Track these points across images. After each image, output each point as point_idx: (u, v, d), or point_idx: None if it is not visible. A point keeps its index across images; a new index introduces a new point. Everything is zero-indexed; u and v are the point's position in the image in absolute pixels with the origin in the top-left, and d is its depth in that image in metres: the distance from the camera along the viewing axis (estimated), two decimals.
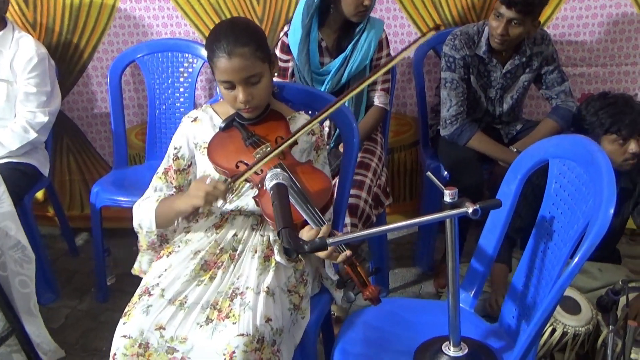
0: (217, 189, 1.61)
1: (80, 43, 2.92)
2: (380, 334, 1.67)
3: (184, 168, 1.80)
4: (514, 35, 2.38)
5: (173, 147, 1.81)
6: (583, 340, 2.05)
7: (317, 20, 2.37)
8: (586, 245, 1.23)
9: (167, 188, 1.80)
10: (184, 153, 1.80)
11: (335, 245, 1.43)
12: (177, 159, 1.80)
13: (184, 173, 1.80)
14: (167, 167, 1.81)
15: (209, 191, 1.61)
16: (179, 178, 1.80)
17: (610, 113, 2.11)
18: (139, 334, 1.54)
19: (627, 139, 2.10)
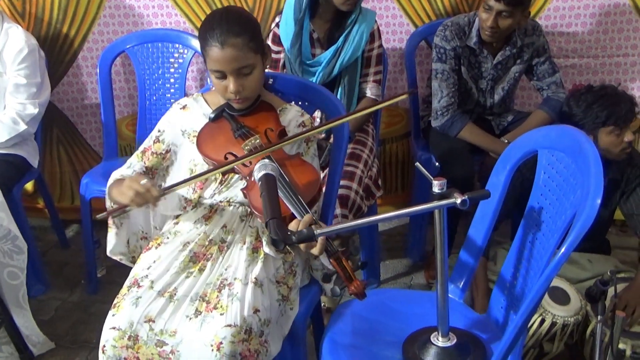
0: (149, 193, 1.56)
1: (70, 33, 2.90)
2: (369, 325, 1.67)
3: (161, 152, 1.79)
4: (504, 27, 2.38)
5: (157, 130, 1.81)
6: (572, 331, 2.06)
7: (308, 12, 2.36)
8: (573, 235, 1.23)
9: (139, 167, 1.79)
10: (165, 138, 1.80)
11: (324, 236, 1.43)
12: (158, 142, 1.80)
13: (159, 157, 1.79)
14: (147, 147, 1.80)
15: (139, 192, 1.55)
16: (154, 160, 1.79)
17: (605, 105, 2.11)
18: (129, 326, 1.53)
19: (623, 128, 2.11)
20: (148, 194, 1.57)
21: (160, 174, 1.82)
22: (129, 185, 1.58)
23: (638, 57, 2.77)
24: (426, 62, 2.84)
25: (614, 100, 2.12)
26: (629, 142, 2.12)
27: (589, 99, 2.15)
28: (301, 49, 2.35)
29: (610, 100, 2.12)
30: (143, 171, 1.78)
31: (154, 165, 1.80)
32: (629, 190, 2.25)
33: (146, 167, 1.79)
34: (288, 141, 1.70)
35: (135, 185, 1.56)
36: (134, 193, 1.56)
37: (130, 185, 1.57)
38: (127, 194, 1.56)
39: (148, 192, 1.57)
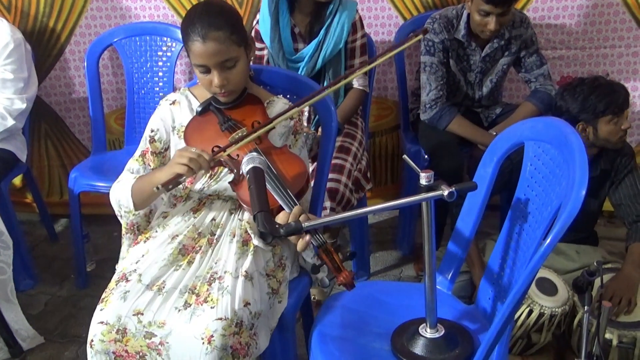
0: (202, 157, 1.59)
1: (56, 27, 2.87)
2: (358, 317, 1.67)
3: (160, 151, 1.79)
4: (505, 23, 2.40)
5: (150, 130, 1.79)
6: (559, 321, 2.08)
7: (287, 6, 2.35)
8: (558, 226, 1.23)
9: (143, 170, 1.78)
10: (161, 136, 1.79)
11: (312, 228, 1.43)
12: (154, 142, 1.79)
13: (160, 156, 1.79)
14: (145, 150, 1.79)
15: (193, 157, 1.58)
16: (156, 160, 1.78)
17: (602, 95, 2.13)
18: (117, 320, 1.53)
19: (620, 116, 2.14)
20: (202, 158, 1.59)
21: None
22: (179, 155, 1.59)
23: (625, 49, 2.79)
24: (415, 55, 2.84)
25: (609, 90, 2.14)
26: (624, 129, 2.15)
27: (585, 91, 2.16)
28: (281, 42, 2.35)
29: (606, 90, 2.14)
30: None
31: (157, 165, 1.78)
32: (618, 180, 2.26)
33: (152, 169, 1.78)
34: (271, 124, 1.70)
35: (187, 153, 1.58)
36: (189, 160, 1.57)
37: (181, 154, 1.59)
38: (182, 161, 1.58)
39: (201, 157, 1.59)
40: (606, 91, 2.14)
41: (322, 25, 2.35)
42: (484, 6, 2.33)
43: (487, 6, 2.32)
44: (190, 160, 1.58)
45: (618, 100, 2.13)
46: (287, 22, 2.37)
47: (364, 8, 2.77)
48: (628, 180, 2.24)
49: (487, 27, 2.37)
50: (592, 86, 2.16)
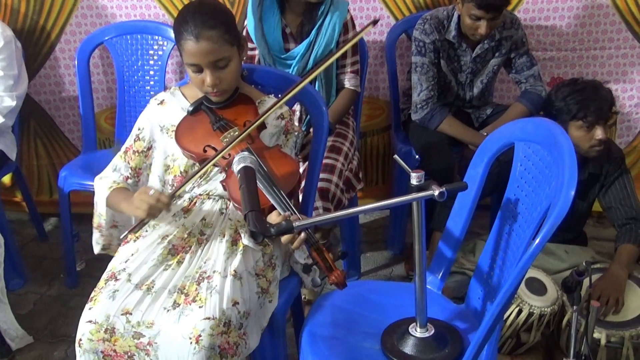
0: (160, 202, 1.59)
1: (47, 25, 2.86)
2: (348, 316, 1.68)
3: (143, 150, 1.79)
4: (495, 26, 2.42)
5: (137, 128, 1.80)
6: (548, 321, 2.09)
7: (277, 6, 2.35)
8: (547, 226, 1.24)
9: (124, 168, 1.79)
10: (145, 135, 1.79)
11: (303, 228, 1.43)
12: (138, 140, 1.79)
13: (142, 155, 1.79)
14: (128, 147, 1.80)
15: (152, 204, 1.58)
16: (137, 159, 1.79)
17: (578, 99, 2.13)
18: (105, 319, 1.53)
19: (592, 125, 2.12)
20: (160, 203, 1.59)
21: (144, 172, 1.80)
22: (140, 199, 1.60)
23: (615, 50, 2.80)
24: (407, 55, 2.85)
25: (589, 96, 2.12)
26: (599, 140, 2.13)
27: (566, 91, 2.17)
28: (266, 41, 2.35)
29: (585, 95, 2.13)
30: (129, 172, 1.78)
31: (137, 164, 1.79)
32: (608, 183, 2.28)
33: (131, 168, 1.78)
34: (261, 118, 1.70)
35: (145, 199, 1.59)
36: (148, 207, 1.58)
37: (141, 199, 1.60)
38: (142, 208, 1.59)
39: (159, 202, 1.59)
40: (584, 96, 2.12)
41: (314, 25, 2.36)
42: (475, 11, 2.33)
43: (478, 11, 2.33)
44: (150, 207, 1.58)
45: (590, 107, 2.10)
46: (278, 22, 2.37)
47: (356, 8, 2.77)
48: (618, 184, 2.25)
49: (478, 31, 2.38)
50: (575, 88, 2.16)
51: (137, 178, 1.80)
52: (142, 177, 1.81)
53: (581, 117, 2.12)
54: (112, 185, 1.74)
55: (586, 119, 2.11)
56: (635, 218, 2.22)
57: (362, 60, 2.58)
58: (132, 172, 1.79)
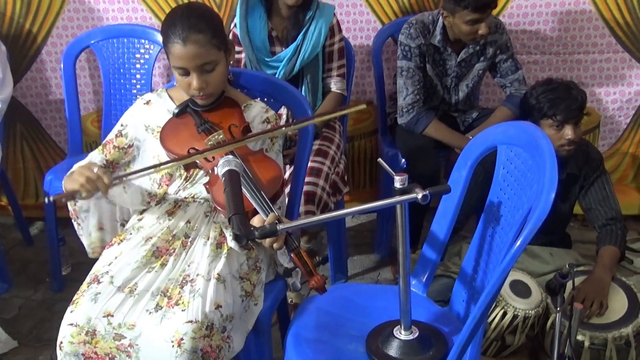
0: (100, 180, 1.55)
1: (33, 28, 2.85)
2: (333, 319, 1.68)
3: (123, 147, 1.79)
4: (492, 24, 2.44)
5: (120, 124, 1.80)
6: (533, 323, 2.10)
7: (263, 9, 2.36)
8: (528, 229, 1.25)
9: (100, 160, 1.78)
10: (128, 132, 1.79)
11: (287, 231, 1.43)
12: (120, 136, 1.79)
13: (122, 152, 1.79)
14: (108, 141, 1.80)
15: (90, 178, 1.54)
16: (115, 154, 1.79)
17: (549, 98, 2.16)
18: (86, 322, 1.52)
19: (562, 124, 2.15)
20: (99, 180, 1.55)
21: (121, 168, 1.80)
22: (79, 171, 1.57)
23: (599, 55, 2.84)
24: (393, 59, 2.86)
25: (560, 95, 2.14)
26: (568, 139, 2.14)
27: (539, 90, 2.20)
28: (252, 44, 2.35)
29: (556, 94, 2.15)
30: (103, 164, 1.77)
31: (115, 159, 1.79)
32: (587, 185, 2.30)
33: (107, 160, 1.78)
34: (251, 138, 1.71)
35: (86, 172, 1.55)
36: (85, 179, 1.54)
37: (81, 171, 1.56)
38: (78, 179, 1.55)
39: (99, 179, 1.55)
40: (556, 95, 2.14)
41: (300, 29, 2.37)
42: (472, 16, 2.34)
43: (475, 15, 2.34)
44: (87, 180, 1.54)
45: (560, 106, 2.12)
46: (264, 25, 2.38)
47: (343, 12, 2.79)
48: (597, 185, 2.28)
49: (479, 33, 2.39)
50: (549, 87, 2.18)
51: (112, 171, 1.78)
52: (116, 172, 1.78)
53: (550, 115, 2.15)
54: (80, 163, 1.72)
55: (555, 117, 2.14)
56: (615, 218, 2.24)
57: (349, 64, 2.59)
58: (107, 163, 1.77)
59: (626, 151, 3.01)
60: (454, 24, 2.42)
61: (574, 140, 2.15)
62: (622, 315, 2.05)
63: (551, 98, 2.14)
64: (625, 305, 2.08)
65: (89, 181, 1.54)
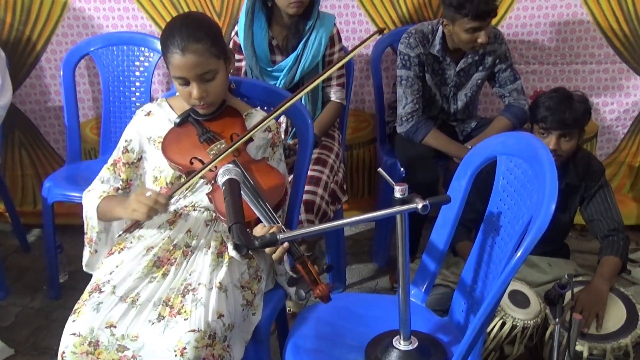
0: (158, 203, 1.59)
1: (32, 35, 2.85)
2: (332, 329, 1.68)
3: (132, 162, 1.78)
4: (491, 33, 2.45)
5: (124, 140, 1.79)
6: (531, 333, 2.10)
7: (264, 18, 2.37)
8: (528, 240, 1.26)
9: (114, 180, 1.78)
10: (134, 147, 1.78)
11: (287, 241, 1.43)
12: (127, 152, 1.78)
13: (132, 167, 1.79)
14: (117, 159, 1.79)
15: (151, 206, 1.58)
16: (127, 171, 1.78)
17: (545, 105, 2.17)
18: (89, 332, 1.52)
19: (547, 132, 2.16)
20: (157, 204, 1.59)
21: (134, 184, 1.80)
22: (137, 201, 1.59)
23: (596, 65, 2.85)
24: (392, 68, 2.87)
25: (555, 104, 2.15)
26: (553, 150, 2.15)
27: (545, 95, 2.21)
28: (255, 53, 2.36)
29: (553, 102, 2.16)
30: (119, 185, 1.78)
31: (129, 176, 1.79)
32: (589, 196, 2.30)
33: (122, 180, 1.78)
34: (249, 134, 1.71)
35: (144, 200, 1.58)
36: (147, 209, 1.58)
37: (138, 201, 1.59)
38: (141, 211, 1.58)
39: (157, 204, 1.58)
40: (552, 103, 2.15)
41: (300, 38, 2.37)
42: (471, 24, 2.35)
43: (475, 23, 2.35)
44: (149, 209, 1.58)
45: (549, 113, 2.13)
46: (265, 34, 2.38)
47: (342, 22, 2.80)
48: (599, 196, 2.28)
49: (479, 41, 2.40)
50: (553, 95, 2.20)
51: (128, 189, 1.79)
52: (132, 189, 1.80)
53: (539, 120, 2.17)
54: (102, 195, 1.73)
55: (543, 124, 2.16)
56: (617, 229, 2.25)
57: (348, 74, 2.60)
58: (123, 183, 1.78)
59: (623, 161, 3.02)
60: (453, 32, 2.43)
61: (555, 151, 2.15)
62: (621, 326, 2.05)
63: (546, 105, 2.16)
64: (623, 316, 2.08)
65: (150, 210, 1.58)
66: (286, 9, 2.31)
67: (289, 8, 2.30)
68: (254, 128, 1.73)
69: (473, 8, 2.32)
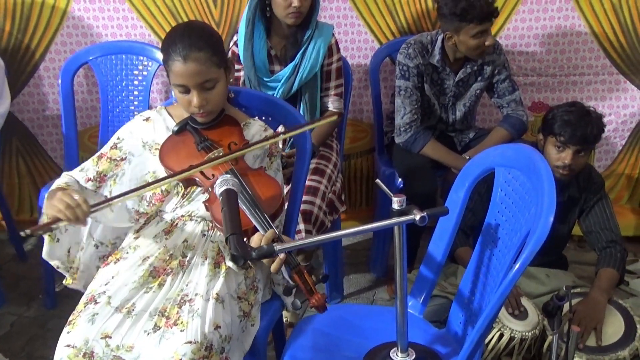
0: (80, 208, 1.51)
1: (31, 43, 2.85)
2: (329, 340, 1.67)
3: (115, 159, 1.77)
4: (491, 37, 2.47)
5: (116, 137, 1.79)
6: (529, 345, 2.09)
7: (263, 28, 2.37)
8: (527, 252, 1.26)
9: (91, 170, 1.75)
10: (123, 146, 1.78)
11: (284, 252, 1.43)
12: (115, 149, 1.78)
13: (112, 163, 1.77)
14: (103, 153, 1.78)
15: (70, 205, 1.49)
16: (106, 165, 1.76)
17: (563, 118, 2.17)
18: (84, 343, 1.50)
19: (563, 146, 2.16)
20: (78, 209, 1.51)
21: (108, 182, 1.77)
22: (60, 198, 1.51)
23: (594, 77, 2.86)
24: (390, 79, 2.88)
25: (574, 118, 2.15)
26: (564, 164, 2.15)
27: (561, 108, 2.21)
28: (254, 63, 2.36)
29: (571, 117, 2.15)
30: (92, 175, 1.74)
31: (105, 170, 1.76)
32: (588, 208, 2.30)
33: (97, 172, 1.75)
34: (248, 149, 1.71)
35: (66, 199, 1.51)
36: (65, 206, 1.49)
37: (61, 198, 1.51)
38: (58, 206, 1.50)
39: (79, 207, 1.51)
40: (570, 117, 2.16)
41: (299, 48, 2.38)
42: (478, 28, 2.37)
43: (482, 26, 2.37)
44: (66, 207, 1.49)
45: (567, 127, 2.13)
46: (264, 44, 2.39)
47: (341, 32, 2.81)
48: (598, 208, 2.28)
49: (487, 44, 2.42)
50: (570, 109, 2.19)
51: (99, 184, 1.75)
52: (104, 188, 1.76)
53: (556, 133, 2.16)
54: (61, 184, 1.68)
55: (560, 137, 2.15)
56: (615, 241, 2.25)
57: (346, 84, 2.61)
58: (96, 175, 1.75)
59: (621, 172, 3.02)
60: (459, 43, 2.44)
61: (570, 166, 2.15)
62: (619, 338, 2.04)
63: (565, 119, 2.16)
64: (621, 328, 2.07)
65: (68, 208, 1.49)
66: (285, 19, 2.32)
67: (288, 18, 2.30)
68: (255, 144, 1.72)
69: (477, 12, 2.34)
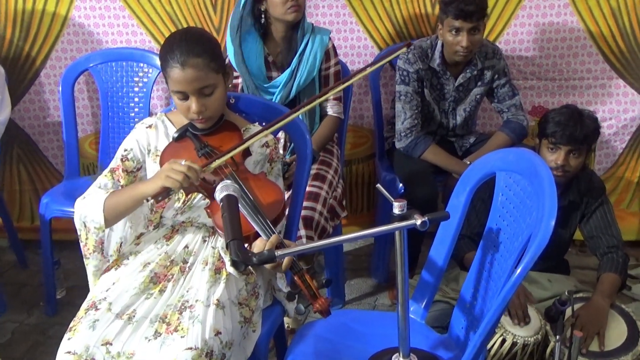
0: (193, 170, 1.57)
1: (32, 51, 2.86)
2: (331, 346, 1.67)
3: (132, 170, 1.77)
4: (475, 43, 2.44)
5: (123, 149, 1.79)
6: (532, 350, 2.08)
7: (258, 34, 2.38)
8: (529, 256, 1.25)
9: (112, 185, 1.74)
10: (134, 156, 1.78)
11: (284, 257, 1.43)
12: (127, 160, 1.77)
13: (131, 175, 1.77)
14: (115, 167, 1.77)
15: (184, 173, 1.55)
16: (127, 178, 1.76)
17: (555, 120, 2.17)
18: (84, 350, 1.50)
19: (555, 147, 2.16)
20: (192, 171, 1.57)
21: None
22: (171, 168, 1.57)
23: (593, 81, 2.86)
24: (390, 84, 2.88)
25: (565, 119, 2.15)
26: (557, 164, 2.15)
27: (555, 111, 2.21)
28: (248, 68, 2.36)
29: (563, 118, 2.16)
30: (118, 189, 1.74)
31: (127, 183, 1.76)
32: (589, 213, 2.30)
33: (122, 186, 1.75)
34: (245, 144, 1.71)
35: (177, 167, 1.57)
36: (182, 176, 1.55)
37: (171, 168, 1.57)
38: (175, 177, 1.55)
39: (191, 170, 1.57)
40: (562, 118, 2.16)
41: (295, 53, 2.38)
42: (454, 23, 2.38)
43: (457, 22, 2.37)
44: (184, 178, 1.56)
45: (559, 128, 2.14)
46: (261, 51, 2.39)
47: (340, 38, 2.81)
48: (599, 213, 2.28)
49: (460, 45, 2.41)
50: (563, 110, 2.20)
51: None
52: None
53: (548, 134, 2.17)
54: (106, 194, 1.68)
55: (553, 138, 2.15)
56: (616, 246, 2.24)
57: (347, 89, 2.61)
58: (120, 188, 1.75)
59: (622, 176, 3.02)
60: (443, 36, 2.45)
61: (563, 167, 2.15)
62: (622, 343, 2.03)
63: (556, 120, 2.16)
64: (624, 333, 2.06)
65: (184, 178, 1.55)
66: (285, 17, 2.31)
67: (288, 15, 2.30)
68: (251, 137, 1.72)
69: (454, 7, 2.35)
